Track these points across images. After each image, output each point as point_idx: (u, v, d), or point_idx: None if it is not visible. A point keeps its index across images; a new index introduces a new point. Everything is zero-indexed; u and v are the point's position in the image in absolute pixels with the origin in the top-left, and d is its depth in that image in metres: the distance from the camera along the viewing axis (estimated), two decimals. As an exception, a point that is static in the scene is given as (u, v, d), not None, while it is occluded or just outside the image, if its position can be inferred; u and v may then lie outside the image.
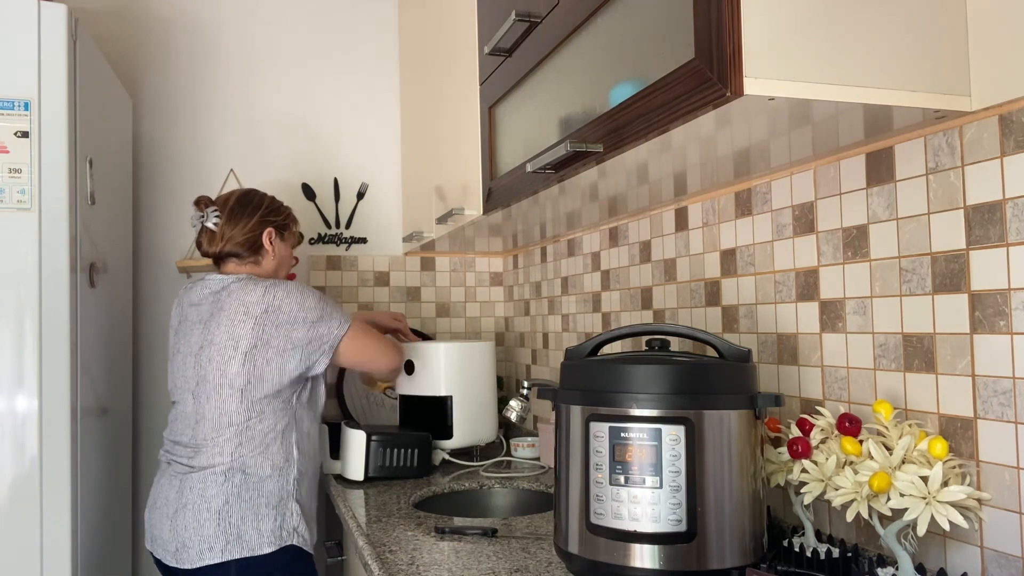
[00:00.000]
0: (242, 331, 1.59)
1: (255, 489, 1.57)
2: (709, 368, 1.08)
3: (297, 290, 1.65)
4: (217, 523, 1.53)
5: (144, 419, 2.46)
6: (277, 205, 1.81)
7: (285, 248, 1.81)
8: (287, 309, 1.62)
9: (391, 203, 2.73)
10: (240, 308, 1.61)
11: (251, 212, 1.75)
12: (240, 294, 1.63)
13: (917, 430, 1.01)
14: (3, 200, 1.67)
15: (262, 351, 1.60)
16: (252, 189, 1.82)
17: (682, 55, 0.95)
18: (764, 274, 1.41)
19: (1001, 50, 0.96)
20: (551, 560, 1.26)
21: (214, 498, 1.55)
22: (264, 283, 1.65)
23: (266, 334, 1.60)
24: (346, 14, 2.70)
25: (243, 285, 1.65)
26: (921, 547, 1.10)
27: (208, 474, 1.57)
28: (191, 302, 1.71)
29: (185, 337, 1.68)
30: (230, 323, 1.60)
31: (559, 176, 1.34)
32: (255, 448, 1.59)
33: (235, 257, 1.75)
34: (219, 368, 1.59)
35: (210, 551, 1.52)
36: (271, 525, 1.56)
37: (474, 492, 1.89)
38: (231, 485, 1.56)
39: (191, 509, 1.55)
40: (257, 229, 1.75)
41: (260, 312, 1.60)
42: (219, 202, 1.77)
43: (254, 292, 1.62)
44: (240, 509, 1.55)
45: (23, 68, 1.68)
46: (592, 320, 2.10)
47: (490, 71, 1.64)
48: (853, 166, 1.21)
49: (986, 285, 0.99)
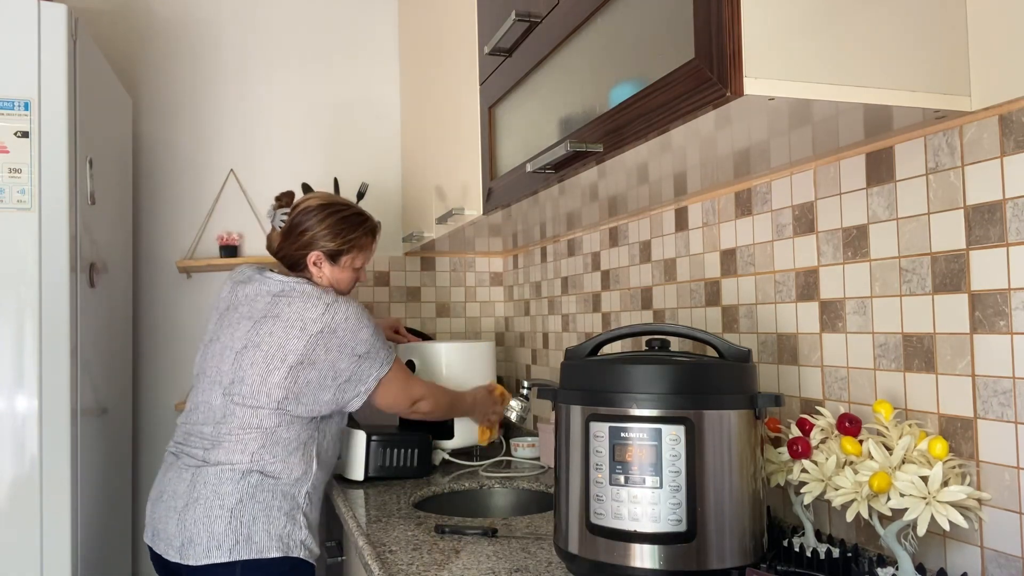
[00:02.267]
0: (294, 345, 1.55)
1: (270, 491, 1.54)
2: (709, 368, 1.08)
3: (356, 317, 1.61)
4: (228, 521, 1.50)
5: (144, 419, 2.46)
6: (341, 227, 1.69)
7: (340, 272, 1.72)
8: (341, 334, 1.58)
9: (391, 203, 2.73)
10: (298, 322, 1.56)
11: (308, 228, 1.68)
12: (301, 306, 1.58)
13: (917, 430, 1.01)
14: (3, 200, 1.67)
15: (307, 370, 1.55)
16: (331, 201, 1.72)
17: (682, 55, 0.95)
18: (764, 274, 1.41)
19: (1001, 50, 0.96)
20: (551, 560, 1.26)
21: (228, 495, 1.51)
22: (327, 298, 1.59)
23: (315, 354, 1.56)
24: (346, 14, 2.70)
25: (305, 296, 1.59)
26: (921, 547, 1.10)
27: (225, 470, 1.53)
28: (247, 294, 1.65)
29: (230, 328, 1.62)
30: (284, 334, 1.55)
31: (559, 176, 1.34)
32: (277, 454, 1.55)
33: (287, 267, 1.73)
34: (261, 375, 1.54)
35: (218, 549, 1.48)
36: (280, 531, 1.53)
37: (474, 492, 1.89)
38: (247, 484, 1.52)
39: (203, 504, 1.50)
40: (305, 249, 1.68)
41: (317, 331, 1.56)
42: (294, 204, 1.71)
43: (316, 308, 1.58)
44: (253, 509, 1.51)
45: (23, 68, 1.68)
46: (592, 320, 2.10)
47: (490, 71, 1.64)
48: (853, 166, 1.21)
49: (986, 285, 0.99)
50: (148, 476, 2.44)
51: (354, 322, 1.60)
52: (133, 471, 2.39)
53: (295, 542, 1.54)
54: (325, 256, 1.69)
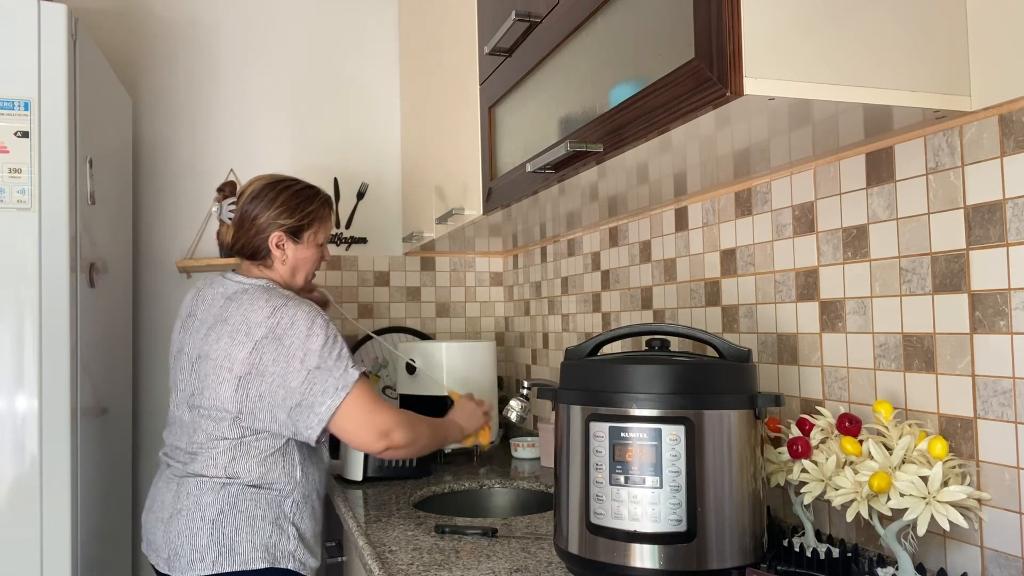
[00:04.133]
0: (239, 353, 1.44)
1: (252, 500, 1.47)
2: (709, 368, 1.08)
3: (307, 322, 1.46)
4: (210, 532, 1.44)
5: (144, 419, 2.46)
6: (296, 202, 1.61)
7: (304, 250, 1.62)
8: (288, 342, 1.44)
9: (391, 203, 2.73)
10: (243, 326, 1.45)
11: (261, 211, 1.58)
12: (247, 307, 1.47)
13: (917, 430, 1.01)
14: (3, 200, 1.67)
15: (256, 382, 1.44)
16: (277, 179, 1.63)
17: (682, 55, 0.95)
18: (764, 274, 1.41)
19: (1001, 50, 0.96)
20: (551, 560, 1.26)
21: (209, 506, 1.46)
22: (276, 300, 1.48)
23: (262, 364, 1.43)
24: (346, 14, 2.70)
25: (253, 297, 1.49)
26: (921, 547, 1.10)
27: (205, 481, 1.47)
28: (205, 298, 1.57)
29: (190, 336, 1.54)
30: (230, 339, 1.45)
31: (559, 176, 1.34)
32: (251, 465, 1.48)
33: (245, 258, 1.63)
34: (213, 388, 1.46)
35: (201, 561, 1.43)
36: (266, 541, 1.46)
37: (474, 492, 1.89)
38: (228, 494, 1.46)
39: (185, 516, 1.46)
40: (263, 233, 1.58)
41: (260, 336, 1.44)
42: (239, 192, 1.62)
43: (261, 310, 1.46)
44: (235, 520, 1.45)
45: (23, 68, 1.68)
46: (592, 320, 2.10)
47: (490, 71, 1.64)
48: (853, 166, 1.21)
49: (986, 285, 0.99)
50: (148, 476, 2.44)
51: (303, 328, 1.45)
52: (133, 471, 2.39)
53: (283, 553, 1.48)
54: (287, 235, 1.59)
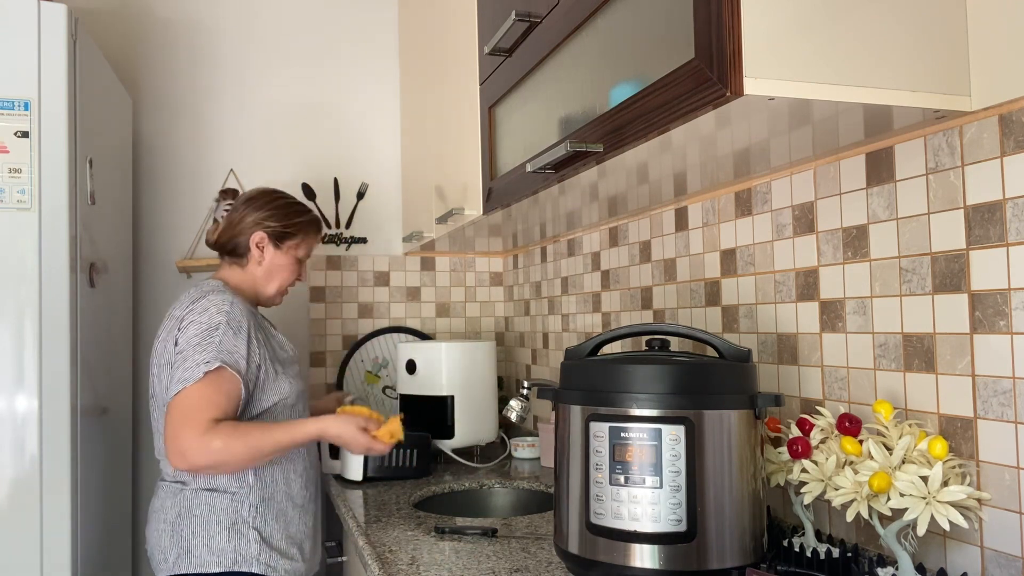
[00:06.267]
0: (169, 347, 1.50)
1: (207, 505, 1.49)
2: (709, 368, 1.08)
3: (215, 306, 1.49)
4: (170, 535, 1.49)
5: (144, 419, 2.46)
6: (287, 211, 1.67)
7: (282, 257, 1.66)
8: (187, 328, 1.48)
9: (391, 203, 2.73)
10: (173, 321, 1.52)
11: (251, 211, 1.65)
12: (178, 304, 1.55)
13: (917, 430, 1.01)
14: (3, 200, 1.66)
15: None
16: (276, 190, 1.71)
17: (682, 55, 0.95)
18: (764, 274, 1.41)
19: (1001, 50, 0.96)
20: (551, 560, 1.26)
21: (170, 509, 1.51)
22: (202, 296, 1.53)
23: (169, 351, 1.50)
24: (346, 14, 2.70)
25: (190, 295, 1.55)
26: (921, 547, 1.10)
27: (166, 485, 1.54)
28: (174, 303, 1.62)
29: None
30: (167, 336, 1.51)
31: (559, 176, 1.34)
32: None
33: (225, 255, 1.69)
34: (156, 383, 1.53)
35: (164, 563, 1.49)
36: (223, 545, 1.47)
37: (474, 492, 1.89)
38: (183, 498, 1.51)
39: (154, 518, 1.53)
40: (248, 231, 1.64)
41: (177, 327, 1.50)
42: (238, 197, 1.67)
43: (183, 304, 1.53)
44: (191, 524, 1.49)
45: (23, 68, 1.68)
46: (592, 320, 2.10)
47: (490, 71, 1.64)
48: (853, 166, 1.21)
49: (986, 285, 0.99)
50: (148, 476, 2.44)
51: (201, 311, 1.48)
52: (133, 471, 2.39)
53: (244, 558, 1.48)
54: (269, 237, 1.64)
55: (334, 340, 2.64)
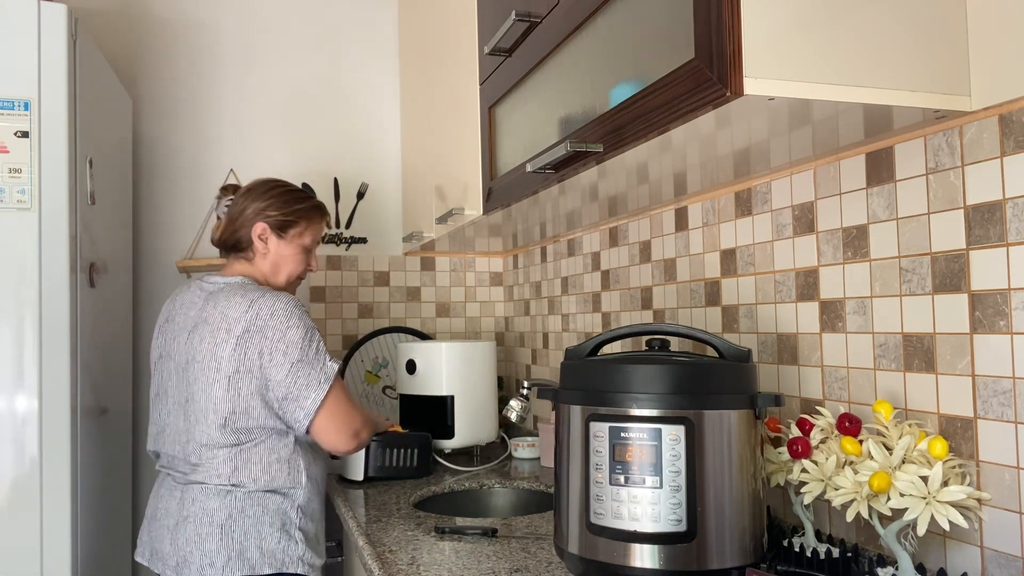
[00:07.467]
0: (223, 351, 1.44)
1: (260, 506, 1.47)
2: (709, 368, 1.08)
3: (285, 313, 1.47)
4: (220, 538, 1.44)
5: (144, 419, 2.46)
6: (286, 198, 1.63)
7: (287, 247, 1.62)
8: (270, 334, 1.45)
9: (391, 203, 2.73)
10: (223, 323, 1.45)
11: (250, 202, 1.61)
12: (224, 304, 1.47)
13: (917, 430, 1.01)
14: (3, 200, 1.66)
15: (246, 379, 1.44)
16: (274, 179, 1.67)
17: (682, 55, 0.95)
18: (764, 274, 1.41)
19: (1001, 50, 0.96)
20: (551, 560, 1.26)
21: (217, 511, 1.45)
22: (252, 293, 1.48)
23: (248, 359, 1.44)
24: (346, 14, 2.70)
25: (229, 294, 1.49)
26: (921, 547, 1.10)
27: (208, 487, 1.47)
28: (183, 302, 1.57)
29: (173, 341, 1.55)
30: (212, 339, 1.45)
31: (559, 176, 1.34)
32: (256, 471, 1.47)
33: (230, 251, 1.64)
34: (204, 390, 1.45)
35: (211, 567, 1.43)
36: (274, 547, 1.46)
37: (474, 492, 1.89)
38: (234, 499, 1.46)
39: (192, 522, 1.45)
40: (250, 223, 1.60)
41: (241, 331, 1.44)
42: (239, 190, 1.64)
43: (238, 305, 1.46)
44: (243, 525, 1.45)
45: (23, 68, 1.68)
46: (592, 320, 2.10)
47: (490, 71, 1.64)
48: (853, 166, 1.21)
49: (986, 285, 0.99)
50: (148, 476, 2.44)
51: (282, 319, 1.46)
52: (133, 471, 2.39)
53: (291, 558, 1.48)
54: (271, 228, 1.60)
55: (334, 340, 2.64)
